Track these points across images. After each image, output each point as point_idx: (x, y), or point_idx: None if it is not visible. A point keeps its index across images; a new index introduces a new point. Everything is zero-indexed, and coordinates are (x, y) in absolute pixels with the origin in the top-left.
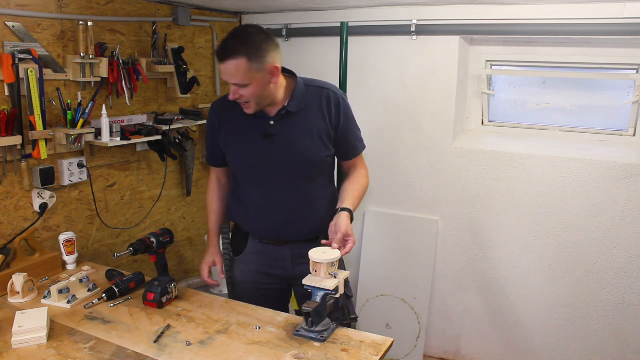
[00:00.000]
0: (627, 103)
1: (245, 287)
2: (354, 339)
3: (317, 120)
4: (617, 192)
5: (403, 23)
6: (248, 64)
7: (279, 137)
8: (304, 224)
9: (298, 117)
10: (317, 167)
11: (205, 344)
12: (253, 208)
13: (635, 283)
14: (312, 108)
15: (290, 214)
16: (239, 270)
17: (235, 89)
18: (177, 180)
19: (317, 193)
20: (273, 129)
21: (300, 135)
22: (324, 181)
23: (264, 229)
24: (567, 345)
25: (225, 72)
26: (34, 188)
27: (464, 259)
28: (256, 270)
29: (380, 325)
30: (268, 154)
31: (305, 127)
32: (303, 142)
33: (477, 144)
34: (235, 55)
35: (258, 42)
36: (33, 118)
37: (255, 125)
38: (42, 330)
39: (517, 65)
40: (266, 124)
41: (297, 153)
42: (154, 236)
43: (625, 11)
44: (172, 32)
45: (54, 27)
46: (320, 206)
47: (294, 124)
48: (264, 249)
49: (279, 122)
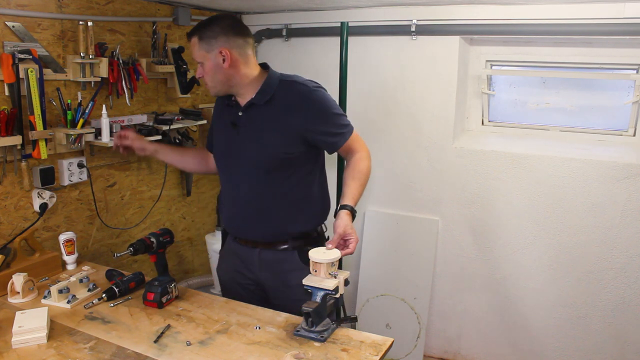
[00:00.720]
0: (627, 103)
1: (225, 284)
2: (354, 339)
3: (286, 115)
4: (617, 192)
5: (403, 23)
6: (198, 43)
7: (244, 128)
8: (268, 225)
9: (266, 111)
10: (282, 164)
11: (205, 344)
12: (224, 201)
13: (635, 283)
14: (283, 103)
15: (253, 210)
16: (220, 266)
17: (198, 66)
18: (177, 180)
19: (284, 193)
20: (239, 119)
21: (265, 128)
22: (295, 181)
23: (229, 224)
24: (567, 345)
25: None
26: (34, 188)
27: (464, 259)
28: (233, 268)
29: (380, 325)
30: (233, 143)
31: (272, 121)
32: (266, 135)
33: (477, 144)
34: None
35: (213, 26)
36: (33, 118)
37: (228, 114)
38: (42, 330)
39: (517, 65)
40: (235, 114)
41: (259, 146)
42: (153, 236)
43: (625, 11)
44: (172, 32)
45: (54, 27)
46: (287, 207)
47: (261, 118)
48: (236, 248)
49: (246, 114)
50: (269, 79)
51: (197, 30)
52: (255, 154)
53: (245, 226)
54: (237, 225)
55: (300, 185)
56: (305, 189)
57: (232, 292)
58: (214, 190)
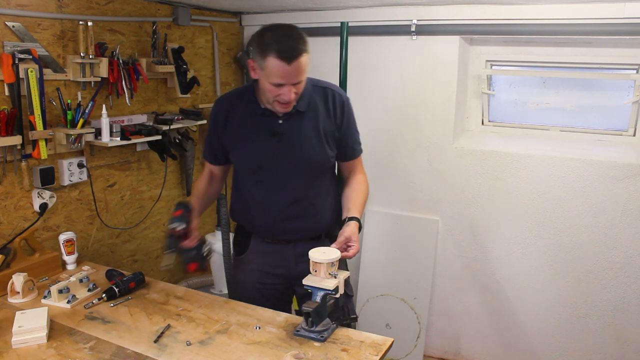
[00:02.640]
0: (627, 103)
1: (247, 287)
2: (354, 339)
3: (323, 121)
4: (617, 192)
5: (403, 23)
6: (308, 57)
7: (287, 135)
8: (307, 223)
9: (305, 117)
10: (322, 167)
11: (205, 344)
12: (257, 207)
13: (635, 283)
14: (319, 108)
15: (294, 212)
16: (240, 270)
17: (290, 88)
18: (177, 180)
19: (321, 192)
20: (281, 127)
21: (308, 134)
22: (327, 180)
23: (267, 228)
24: (567, 345)
25: (291, 73)
26: (34, 188)
27: (464, 259)
28: (258, 270)
29: (380, 325)
30: (274, 152)
31: (312, 126)
32: (310, 141)
33: (477, 144)
34: (305, 52)
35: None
36: (33, 118)
37: (263, 124)
38: (42, 330)
39: (517, 65)
40: (275, 122)
41: (304, 152)
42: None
43: (625, 11)
44: (172, 32)
45: (54, 27)
46: (323, 205)
47: (302, 124)
48: (267, 249)
49: (288, 121)
50: (306, 84)
51: (305, 45)
52: (301, 160)
53: (285, 227)
54: (276, 229)
55: (331, 183)
56: (334, 187)
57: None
58: None
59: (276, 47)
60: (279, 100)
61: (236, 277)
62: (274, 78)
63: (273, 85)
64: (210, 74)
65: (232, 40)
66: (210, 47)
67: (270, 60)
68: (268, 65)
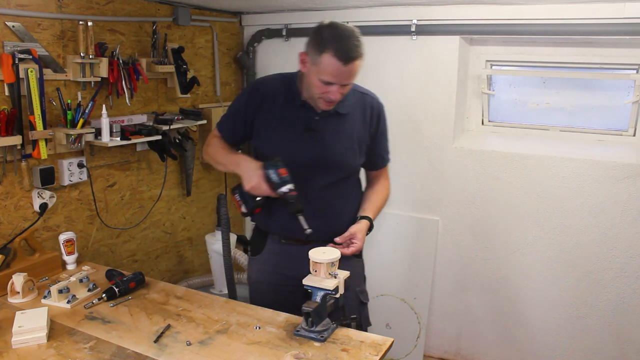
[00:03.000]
0: (627, 103)
1: (260, 287)
2: (354, 339)
3: (358, 126)
4: (617, 192)
5: (403, 23)
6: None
7: (320, 133)
8: (324, 224)
9: (342, 119)
10: (347, 171)
11: (205, 344)
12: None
13: (635, 283)
14: (356, 113)
15: (315, 213)
16: (255, 270)
17: (339, 88)
18: (177, 180)
19: (342, 195)
20: (316, 124)
21: (341, 136)
22: (350, 185)
23: (284, 225)
24: (567, 345)
25: (344, 74)
26: (34, 188)
27: (464, 259)
28: (273, 270)
29: (380, 325)
30: (304, 146)
31: (347, 130)
32: (342, 144)
33: (477, 144)
34: (361, 55)
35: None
36: (33, 118)
37: (299, 116)
38: (42, 330)
39: (517, 65)
40: (311, 117)
41: (333, 152)
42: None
43: (625, 11)
44: (172, 32)
45: (54, 27)
46: (342, 208)
47: (337, 125)
48: (283, 249)
49: (324, 120)
50: None
51: (362, 49)
52: (328, 160)
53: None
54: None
55: (353, 189)
56: (357, 194)
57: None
58: (214, 190)
59: (335, 45)
60: (325, 98)
61: (250, 278)
62: (325, 76)
63: (322, 83)
64: (210, 74)
65: (232, 40)
66: (210, 47)
67: (325, 57)
68: (323, 62)
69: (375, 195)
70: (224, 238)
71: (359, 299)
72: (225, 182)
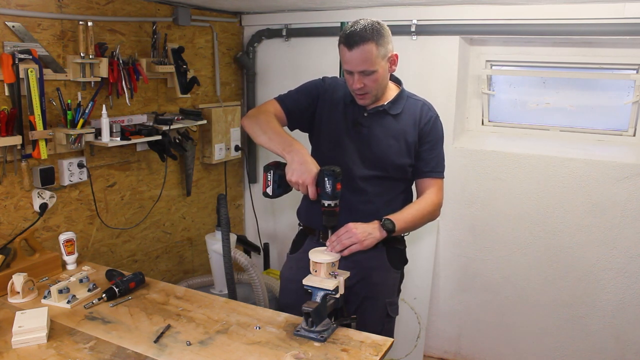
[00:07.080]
0: (627, 103)
1: (290, 286)
2: (354, 339)
3: (408, 127)
4: (617, 192)
5: (403, 23)
6: (376, 49)
7: (367, 129)
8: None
9: (393, 119)
10: (393, 171)
11: (205, 344)
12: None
13: (635, 283)
14: (407, 116)
15: (353, 204)
16: (287, 267)
17: (360, 77)
18: (177, 180)
19: (383, 194)
20: (365, 120)
21: (389, 135)
22: (397, 191)
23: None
24: (567, 345)
25: (352, 59)
26: (34, 188)
27: (464, 259)
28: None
29: None
30: (350, 142)
31: (396, 130)
32: (388, 141)
33: (477, 144)
34: (366, 41)
35: (383, 30)
36: (33, 118)
37: (350, 112)
38: (42, 330)
39: (517, 65)
40: (360, 114)
41: (380, 149)
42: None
43: (625, 11)
44: (172, 32)
45: (54, 27)
46: (383, 209)
47: (385, 124)
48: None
49: (372, 117)
50: (403, 92)
51: (371, 35)
52: (374, 155)
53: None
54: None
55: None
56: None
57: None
58: (214, 190)
59: (343, 34)
60: (352, 89)
61: (282, 274)
62: (343, 65)
63: (347, 73)
64: (210, 74)
65: (232, 40)
66: (210, 47)
67: (340, 48)
68: (339, 53)
69: (413, 205)
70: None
71: (385, 311)
72: (225, 182)
